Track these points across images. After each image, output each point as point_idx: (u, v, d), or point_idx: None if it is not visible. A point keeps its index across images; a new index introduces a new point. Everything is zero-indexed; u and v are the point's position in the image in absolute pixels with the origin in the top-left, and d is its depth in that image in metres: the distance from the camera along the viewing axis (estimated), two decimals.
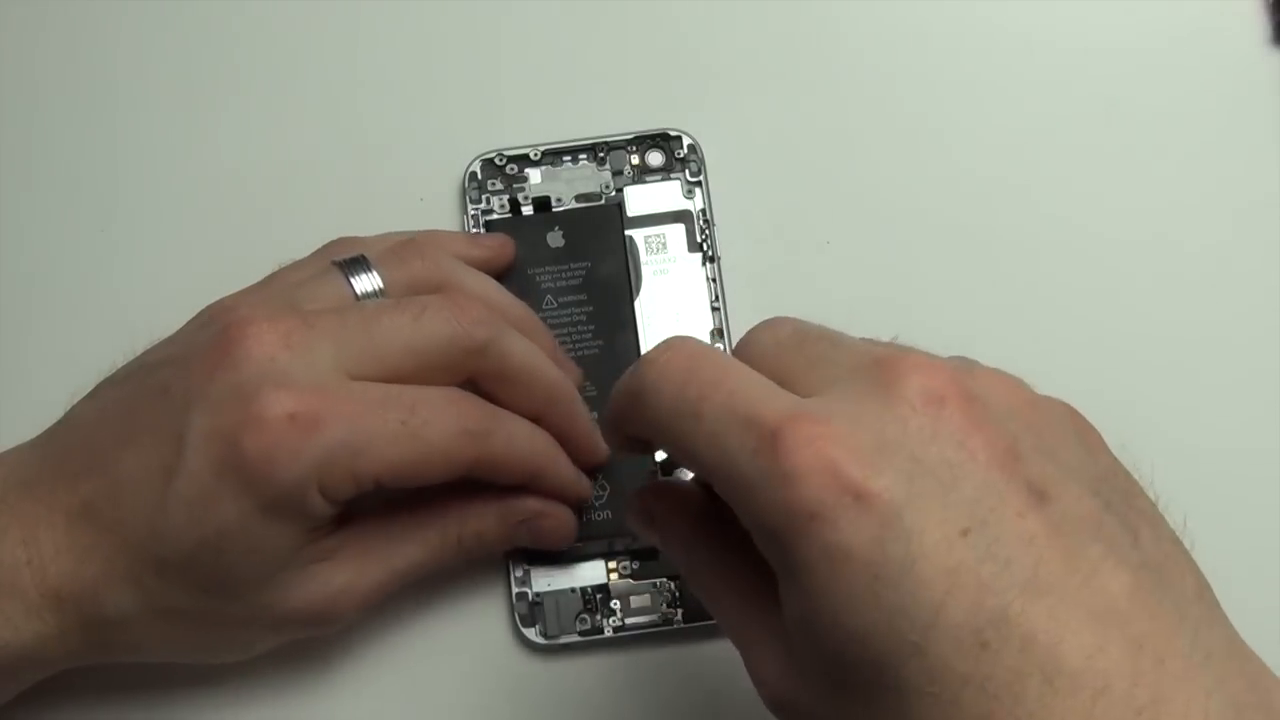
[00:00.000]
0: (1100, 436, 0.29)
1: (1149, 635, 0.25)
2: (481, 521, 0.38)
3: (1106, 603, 0.25)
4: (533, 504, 0.39)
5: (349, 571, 0.36)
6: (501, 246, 0.42)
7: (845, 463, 0.26)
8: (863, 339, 0.30)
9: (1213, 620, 0.27)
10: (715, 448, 0.27)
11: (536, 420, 0.38)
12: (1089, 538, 0.26)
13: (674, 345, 0.29)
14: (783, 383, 0.28)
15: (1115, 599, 0.25)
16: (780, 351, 0.29)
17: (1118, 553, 0.26)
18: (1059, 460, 0.27)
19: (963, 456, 0.26)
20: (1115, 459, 0.29)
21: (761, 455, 0.26)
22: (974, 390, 0.27)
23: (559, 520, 0.39)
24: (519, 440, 0.37)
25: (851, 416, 0.26)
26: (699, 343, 0.29)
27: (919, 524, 0.25)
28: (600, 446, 0.40)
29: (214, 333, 0.35)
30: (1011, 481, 0.26)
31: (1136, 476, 0.29)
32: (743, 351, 0.30)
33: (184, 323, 0.38)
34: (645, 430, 0.30)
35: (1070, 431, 0.28)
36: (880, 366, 0.27)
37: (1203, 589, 0.27)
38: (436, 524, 0.38)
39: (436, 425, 0.35)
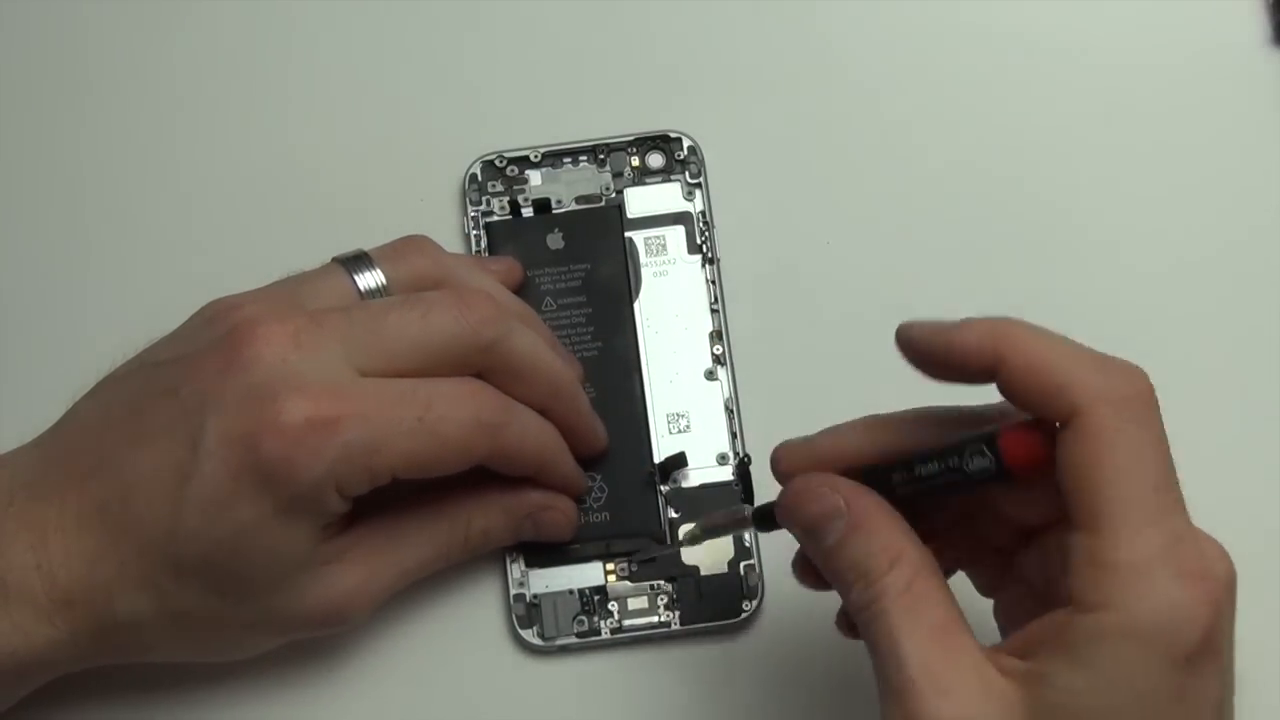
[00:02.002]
0: None
1: None
2: (488, 518, 0.39)
3: None
4: (538, 498, 0.39)
5: (360, 572, 0.37)
6: (509, 270, 0.42)
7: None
8: None
9: None
10: None
11: (539, 412, 0.38)
12: None
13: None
14: None
15: None
16: None
17: None
18: None
19: None
20: None
21: None
22: None
23: (564, 513, 0.39)
24: (531, 432, 0.38)
25: None
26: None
27: None
28: (600, 436, 0.40)
29: (222, 333, 0.35)
30: None
31: None
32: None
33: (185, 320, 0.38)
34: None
35: None
36: None
37: None
38: (445, 523, 0.38)
39: (452, 419, 0.35)
